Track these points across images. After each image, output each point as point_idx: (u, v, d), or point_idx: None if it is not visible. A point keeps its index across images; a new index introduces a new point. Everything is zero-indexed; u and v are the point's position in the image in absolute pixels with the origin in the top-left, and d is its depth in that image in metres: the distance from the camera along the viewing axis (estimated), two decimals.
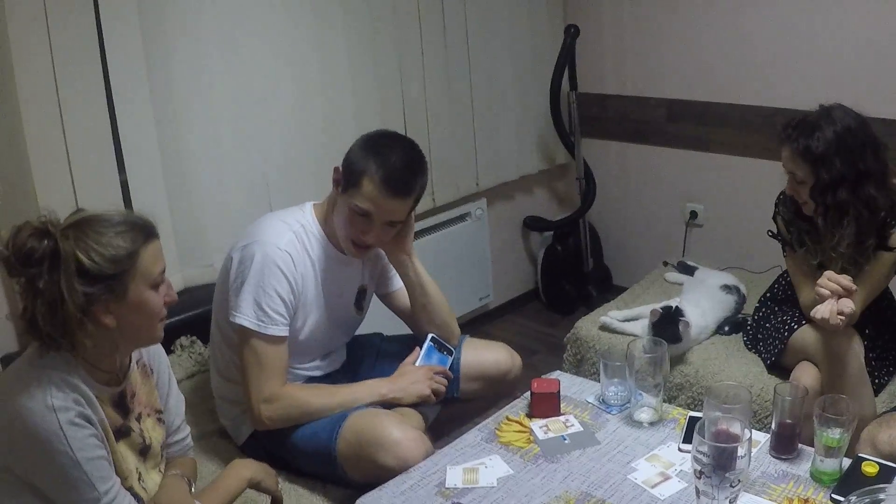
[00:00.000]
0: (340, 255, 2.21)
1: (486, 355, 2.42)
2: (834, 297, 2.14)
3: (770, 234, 2.54)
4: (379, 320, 2.49)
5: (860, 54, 3.18)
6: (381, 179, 2.03)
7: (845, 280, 2.13)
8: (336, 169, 2.14)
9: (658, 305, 2.65)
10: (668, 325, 2.56)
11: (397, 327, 2.49)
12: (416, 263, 2.30)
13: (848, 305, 2.13)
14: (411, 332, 2.46)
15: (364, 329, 2.49)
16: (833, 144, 2.22)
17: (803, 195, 2.31)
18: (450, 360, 2.33)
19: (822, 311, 2.14)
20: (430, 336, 2.33)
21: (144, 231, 1.55)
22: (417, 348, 2.30)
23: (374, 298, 2.45)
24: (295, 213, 2.20)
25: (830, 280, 2.15)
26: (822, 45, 3.28)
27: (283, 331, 2.08)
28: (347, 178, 2.08)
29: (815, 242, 2.37)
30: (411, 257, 2.29)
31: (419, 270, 2.31)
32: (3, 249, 1.45)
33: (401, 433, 1.98)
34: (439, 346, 2.32)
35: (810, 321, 2.33)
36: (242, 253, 2.09)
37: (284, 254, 2.08)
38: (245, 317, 2.04)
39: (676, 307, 2.62)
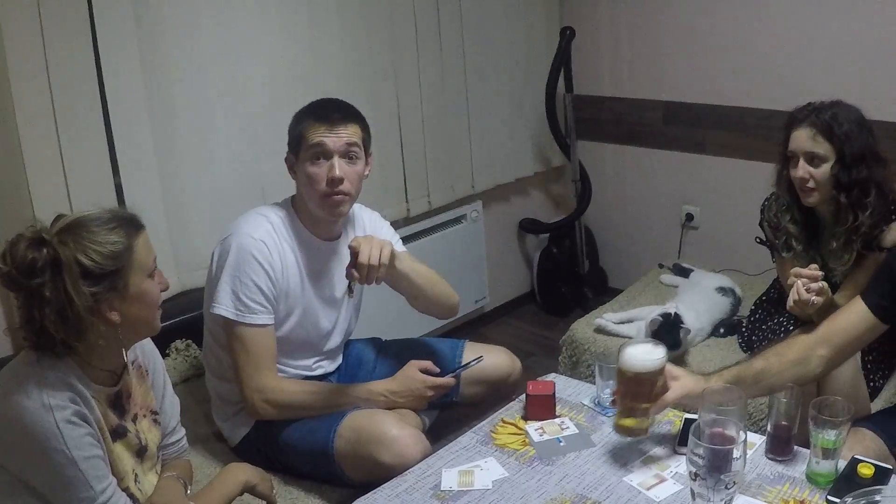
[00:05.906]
0: (319, 242, 2.23)
1: (486, 359, 2.41)
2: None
3: (758, 240, 2.54)
4: (377, 324, 2.48)
5: (856, 57, 3.19)
6: (316, 116, 2.11)
7: (808, 271, 2.13)
8: (286, 159, 2.20)
9: (656, 313, 2.64)
10: (668, 332, 2.56)
11: (396, 331, 2.48)
12: (402, 262, 2.19)
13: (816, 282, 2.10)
14: (411, 336, 2.44)
15: (363, 333, 2.49)
16: (854, 122, 2.27)
17: (818, 178, 2.28)
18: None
19: (791, 293, 2.11)
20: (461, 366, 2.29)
21: (133, 224, 1.58)
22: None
23: (371, 296, 2.43)
24: (273, 206, 2.24)
25: (797, 275, 2.15)
26: (818, 48, 3.29)
27: (263, 319, 2.09)
28: (293, 144, 2.16)
29: (807, 243, 2.37)
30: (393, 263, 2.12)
31: (404, 270, 2.19)
32: (2, 265, 1.46)
33: (399, 430, 1.99)
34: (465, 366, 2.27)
35: (806, 323, 2.33)
36: (221, 246, 2.13)
37: (259, 243, 2.10)
38: (224, 307, 2.07)
39: (675, 314, 2.61)
